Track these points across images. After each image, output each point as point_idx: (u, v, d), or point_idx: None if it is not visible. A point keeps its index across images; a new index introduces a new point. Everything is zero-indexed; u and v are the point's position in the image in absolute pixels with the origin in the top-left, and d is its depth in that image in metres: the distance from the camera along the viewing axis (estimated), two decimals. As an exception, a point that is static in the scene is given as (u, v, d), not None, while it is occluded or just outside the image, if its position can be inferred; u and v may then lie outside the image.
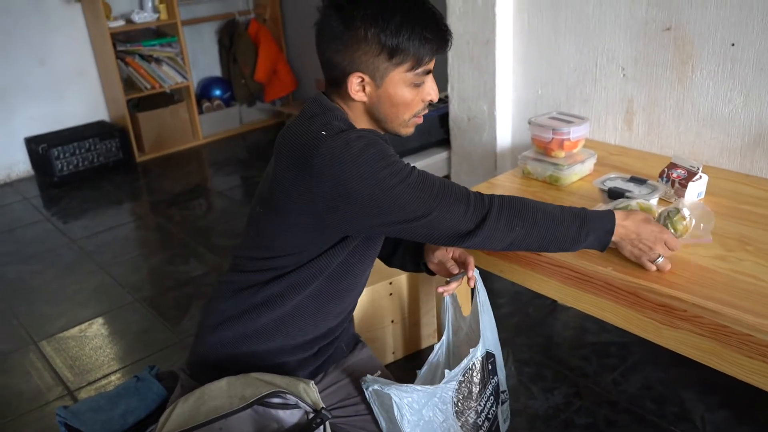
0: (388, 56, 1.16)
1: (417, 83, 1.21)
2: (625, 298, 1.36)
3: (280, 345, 1.35)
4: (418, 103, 1.24)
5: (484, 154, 2.46)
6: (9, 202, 3.77)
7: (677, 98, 1.91)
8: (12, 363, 2.28)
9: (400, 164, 1.16)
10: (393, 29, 1.14)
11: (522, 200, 1.25)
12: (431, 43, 1.18)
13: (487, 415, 1.46)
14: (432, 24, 1.17)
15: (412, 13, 1.16)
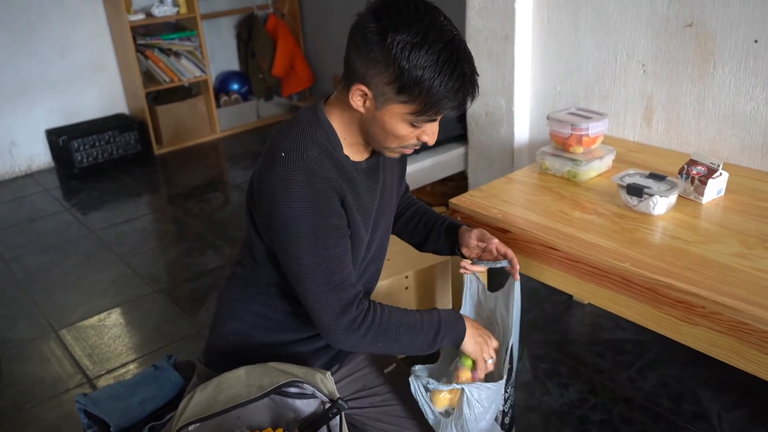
0: (397, 90, 1.09)
1: (415, 124, 1.14)
2: (642, 294, 1.36)
3: (292, 337, 1.36)
4: (411, 139, 1.18)
5: (501, 150, 2.46)
6: (30, 193, 3.83)
7: (698, 95, 1.90)
8: (33, 351, 2.32)
9: (324, 234, 1.16)
10: (417, 72, 1.06)
11: (390, 316, 1.25)
12: (446, 105, 1.10)
13: (510, 403, 1.47)
14: (460, 80, 1.08)
15: (446, 66, 1.06)
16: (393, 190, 1.39)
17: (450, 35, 1.08)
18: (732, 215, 1.55)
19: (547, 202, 1.70)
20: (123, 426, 1.78)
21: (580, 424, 1.80)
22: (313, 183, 1.15)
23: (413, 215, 1.54)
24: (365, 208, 1.27)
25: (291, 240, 1.17)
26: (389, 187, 1.36)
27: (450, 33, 1.08)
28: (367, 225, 1.29)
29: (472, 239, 1.45)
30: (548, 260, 1.55)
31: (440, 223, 1.51)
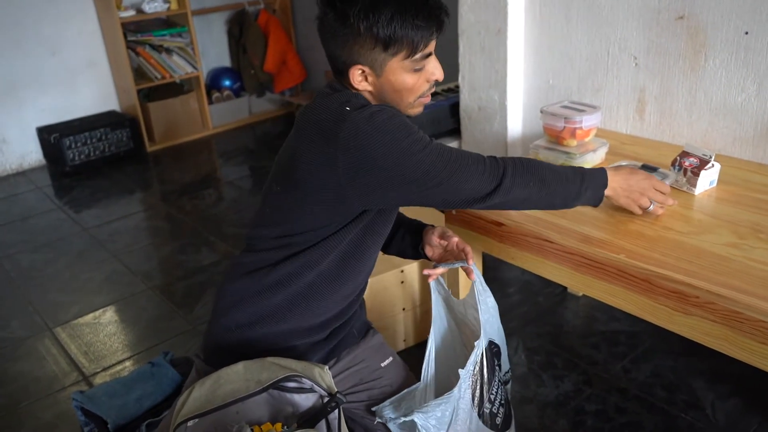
0: (384, 48, 1.19)
1: (417, 68, 1.23)
2: (637, 285, 1.37)
3: (292, 327, 1.36)
4: (423, 85, 1.26)
5: (494, 144, 2.47)
6: (22, 191, 3.81)
7: (690, 87, 1.91)
8: (28, 349, 2.31)
9: (419, 134, 1.21)
10: (384, 21, 1.16)
11: (530, 160, 1.31)
12: (424, 30, 1.18)
13: (500, 402, 1.48)
14: (424, 10, 1.18)
15: (402, 2, 1.16)
16: None
17: None
18: (724, 206, 1.56)
19: (542, 195, 1.71)
20: (120, 423, 1.78)
21: (575, 415, 1.81)
22: (384, 108, 1.21)
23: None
24: None
25: (402, 154, 1.16)
26: None
27: None
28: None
29: (434, 237, 1.47)
30: (543, 253, 1.55)
31: (406, 223, 1.53)
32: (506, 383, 1.58)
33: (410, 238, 1.53)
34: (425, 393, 1.46)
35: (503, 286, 2.45)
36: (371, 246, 1.35)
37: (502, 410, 1.47)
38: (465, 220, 1.73)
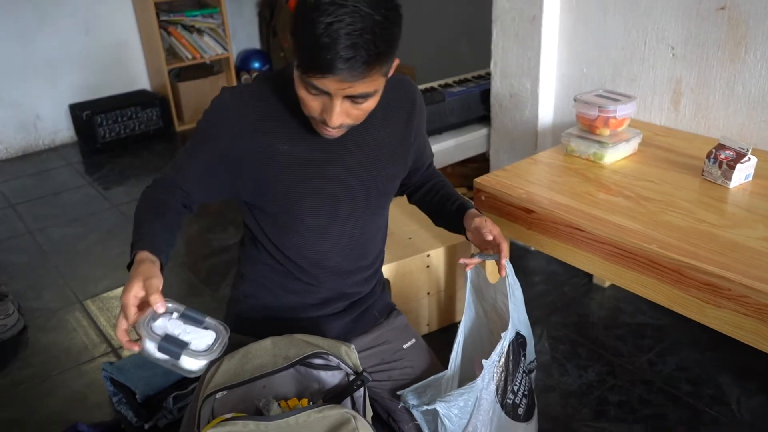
0: (291, 41, 1.09)
1: (308, 90, 1.09)
2: (668, 276, 1.36)
3: (287, 303, 1.40)
4: (314, 110, 1.12)
5: (524, 132, 2.45)
6: (54, 167, 3.87)
7: (728, 79, 1.88)
8: (59, 320, 2.36)
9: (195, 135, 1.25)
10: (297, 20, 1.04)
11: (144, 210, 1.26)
12: (315, 67, 1.03)
13: (523, 393, 1.48)
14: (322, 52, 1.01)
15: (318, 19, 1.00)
16: (378, 174, 1.33)
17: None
18: (760, 200, 1.54)
19: (573, 184, 1.70)
20: (148, 394, 1.82)
21: (598, 405, 1.81)
22: (218, 98, 1.22)
23: (430, 189, 1.54)
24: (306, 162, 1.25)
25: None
26: (371, 167, 1.31)
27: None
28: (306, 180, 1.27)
29: (473, 225, 1.42)
30: (573, 241, 1.55)
31: (452, 201, 1.50)
32: (531, 372, 1.58)
33: (454, 216, 1.49)
34: (451, 381, 1.47)
35: (529, 275, 2.45)
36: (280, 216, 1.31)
37: (525, 401, 1.48)
38: (494, 206, 1.73)
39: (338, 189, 1.30)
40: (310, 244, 1.35)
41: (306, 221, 1.31)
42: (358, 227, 1.37)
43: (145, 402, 1.80)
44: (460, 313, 2.20)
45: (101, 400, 1.94)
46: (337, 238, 1.36)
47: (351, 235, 1.37)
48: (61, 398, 1.96)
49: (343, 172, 1.29)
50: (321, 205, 1.30)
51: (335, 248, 1.37)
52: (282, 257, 1.37)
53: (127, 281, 1.06)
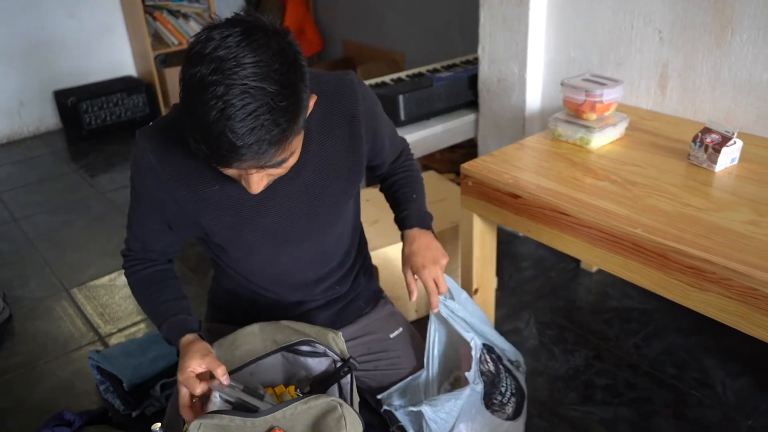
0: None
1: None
2: (653, 260, 1.37)
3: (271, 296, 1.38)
4: (233, 174, 1.03)
5: (512, 117, 2.45)
6: (39, 154, 3.83)
7: (714, 63, 1.88)
8: (45, 309, 2.35)
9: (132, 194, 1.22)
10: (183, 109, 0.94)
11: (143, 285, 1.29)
12: (209, 154, 0.95)
13: (511, 392, 1.49)
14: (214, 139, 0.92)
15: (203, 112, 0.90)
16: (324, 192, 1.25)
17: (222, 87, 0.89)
18: (745, 183, 1.55)
19: (559, 169, 1.70)
20: (135, 382, 1.82)
21: (585, 389, 1.82)
22: (136, 155, 1.15)
23: (391, 185, 1.47)
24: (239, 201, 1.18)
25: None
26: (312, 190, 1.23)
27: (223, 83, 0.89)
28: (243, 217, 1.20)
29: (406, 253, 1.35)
30: (559, 226, 1.55)
31: (401, 209, 1.41)
32: (518, 368, 1.58)
33: (398, 227, 1.44)
34: (431, 384, 1.48)
35: (516, 260, 2.46)
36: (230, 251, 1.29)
37: (513, 399, 1.49)
38: (481, 192, 1.72)
39: (280, 219, 1.23)
40: (267, 269, 1.32)
41: (256, 251, 1.27)
42: (315, 243, 1.31)
43: (132, 390, 1.80)
44: (448, 299, 2.21)
45: (88, 388, 1.93)
46: (294, 259, 1.31)
47: (308, 251, 1.32)
48: (48, 387, 1.96)
49: (283, 203, 1.21)
50: (265, 236, 1.24)
51: (295, 267, 1.33)
52: (244, 280, 1.36)
53: (182, 360, 1.11)
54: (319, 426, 1.05)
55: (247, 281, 1.35)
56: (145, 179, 1.16)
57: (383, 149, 1.37)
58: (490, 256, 1.90)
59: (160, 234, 1.25)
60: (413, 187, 1.44)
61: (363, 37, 4.37)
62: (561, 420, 1.73)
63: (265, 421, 1.02)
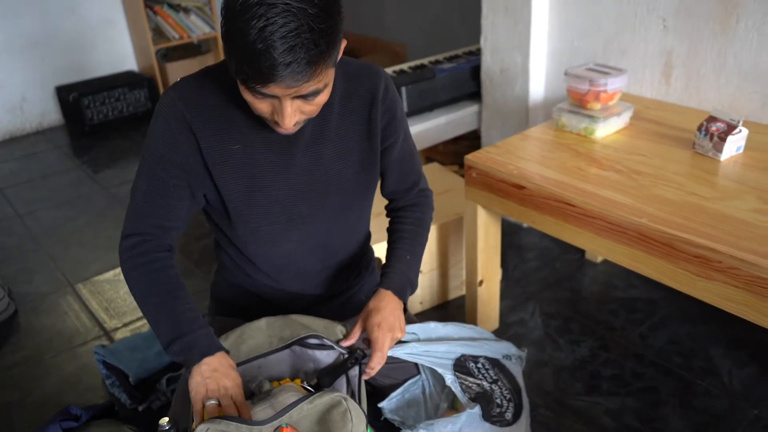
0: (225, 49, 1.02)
1: (253, 95, 1.03)
2: (659, 250, 1.36)
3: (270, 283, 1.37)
4: (265, 112, 1.07)
5: (515, 108, 2.43)
6: (42, 150, 3.83)
7: (719, 51, 1.86)
8: (51, 304, 2.35)
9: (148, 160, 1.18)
10: (226, 27, 0.98)
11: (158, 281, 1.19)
12: (246, 72, 0.98)
13: (508, 399, 1.49)
14: (256, 62, 0.95)
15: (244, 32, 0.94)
16: (341, 175, 1.27)
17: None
18: (751, 172, 1.54)
19: (564, 159, 1.69)
20: (141, 376, 1.82)
21: (591, 379, 1.82)
22: (163, 100, 1.15)
23: (392, 230, 1.41)
24: (257, 166, 1.20)
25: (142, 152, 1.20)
26: (328, 168, 1.25)
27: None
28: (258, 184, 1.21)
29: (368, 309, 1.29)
30: (564, 216, 1.54)
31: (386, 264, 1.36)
32: (511, 360, 1.58)
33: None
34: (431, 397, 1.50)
35: (521, 251, 2.45)
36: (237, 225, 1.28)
37: (510, 404, 1.49)
38: (485, 183, 1.72)
39: (291, 193, 1.24)
40: (271, 251, 1.31)
41: (263, 228, 1.26)
42: (321, 229, 1.31)
43: (138, 384, 1.80)
44: (453, 291, 2.21)
45: (95, 382, 1.94)
46: (298, 243, 1.30)
47: (314, 237, 1.31)
48: (54, 381, 1.96)
49: (297, 172, 1.23)
50: (275, 209, 1.24)
51: (298, 252, 1.32)
52: (248, 266, 1.34)
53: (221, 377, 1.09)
54: (325, 421, 1.05)
55: (250, 269, 1.35)
56: (172, 131, 1.15)
57: (402, 162, 1.34)
58: (495, 247, 1.90)
59: (176, 200, 1.19)
60: (412, 248, 1.37)
61: (364, 29, 4.35)
62: (567, 410, 1.73)
63: (272, 426, 1.02)
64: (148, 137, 1.18)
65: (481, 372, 1.50)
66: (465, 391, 1.45)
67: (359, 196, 1.32)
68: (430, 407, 1.57)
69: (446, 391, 1.54)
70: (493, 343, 1.57)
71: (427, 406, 1.57)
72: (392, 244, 1.38)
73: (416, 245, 1.39)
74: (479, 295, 1.93)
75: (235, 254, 1.35)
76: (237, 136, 1.17)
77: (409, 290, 1.34)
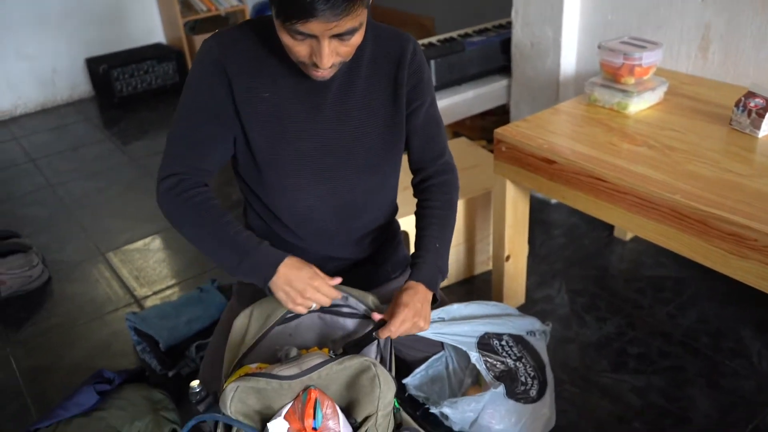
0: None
1: (293, 36, 1.07)
2: (692, 227, 1.34)
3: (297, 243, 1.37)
4: (303, 55, 1.10)
5: (546, 82, 2.40)
6: (72, 122, 3.88)
7: (760, 24, 1.81)
8: (83, 272, 2.40)
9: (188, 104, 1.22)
10: None
11: (208, 210, 1.22)
12: (295, 13, 1.01)
13: (532, 376, 1.49)
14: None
15: None
16: (367, 133, 1.28)
17: None
18: (789, 149, 1.50)
19: (595, 134, 1.67)
20: (171, 343, 1.85)
21: (617, 357, 1.81)
22: (204, 46, 1.19)
23: (420, 217, 1.38)
24: (285, 115, 1.23)
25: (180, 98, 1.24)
26: (354, 125, 1.27)
27: None
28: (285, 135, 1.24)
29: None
30: (595, 192, 1.53)
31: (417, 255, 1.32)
32: (535, 335, 1.58)
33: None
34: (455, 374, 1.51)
35: (549, 228, 2.43)
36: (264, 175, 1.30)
37: (535, 382, 1.49)
38: (515, 157, 1.70)
39: (318, 142, 1.26)
40: (295, 205, 1.31)
41: (290, 175, 1.27)
42: (346, 186, 1.31)
43: (168, 351, 1.84)
44: (479, 266, 2.20)
45: (125, 348, 1.98)
46: (321, 199, 1.31)
47: (337, 193, 1.31)
48: (86, 346, 2.01)
49: (323, 126, 1.25)
50: (302, 158, 1.26)
51: (321, 209, 1.32)
52: (272, 219, 1.35)
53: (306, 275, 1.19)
54: (353, 385, 1.06)
55: (276, 225, 1.35)
56: (207, 74, 1.19)
57: (428, 129, 1.34)
58: (523, 223, 1.89)
59: (211, 143, 1.23)
60: (442, 233, 1.36)
61: (392, 2, 4.30)
62: (592, 386, 1.72)
63: (301, 382, 1.03)
64: (186, 85, 1.23)
65: (505, 350, 1.51)
66: (489, 369, 1.45)
67: (384, 157, 1.32)
68: (454, 383, 1.58)
69: (470, 367, 1.55)
70: (517, 318, 1.57)
71: (451, 382, 1.58)
72: (421, 230, 1.37)
73: (446, 230, 1.38)
74: (506, 271, 1.92)
75: (263, 211, 1.36)
76: (268, 84, 1.21)
77: (439, 279, 1.33)
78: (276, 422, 1.01)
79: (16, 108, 4.01)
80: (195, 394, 1.06)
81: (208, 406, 1.07)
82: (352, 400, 1.07)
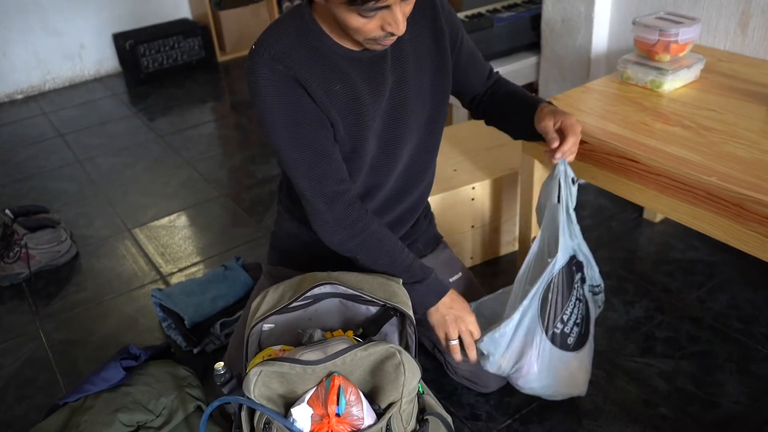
0: None
1: (363, 15, 1.07)
2: (727, 210, 1.30)
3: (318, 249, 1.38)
4: (374, 30, 1.11)
5: (576, 59, 2.34)
6: (99, 97, 3.91)
7: (803, -1, 1.73)
8: (110, 247, 2.43)
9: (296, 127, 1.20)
10: None
11: (382, 239, 1.31)
12: None
13: (575, 321, 1.46)
14: None
15: None
16: (421, 86, 1.34)
17: None
18: (832, 131, 1.44)
19: (628, 113, 1.62)
20: (196, 320, 1.87)
21: (645, 341, 1.78)
22: (259, 69, 1.17)
23: (500, 94, 1.50)
24: (358, 100, 1.24)
25: (260, 122, 1.23)
26: (411, 83, 1.31)
27: None
28: (362, 119, 1.26)
29: (540, 126, 1.38)
30: (626, 173, 1.49)
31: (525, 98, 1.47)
32: (595, 294, 1.56)
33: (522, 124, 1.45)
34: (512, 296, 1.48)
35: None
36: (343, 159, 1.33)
37: (576, 329, 1.46)
38: (544, 137, 1.66)
39: (386, 112, 1.30)
40: (364, 182, 1.35)
41: (367, 155, 1.31)
42: (411, 149, 1.37)
43: (193, 328, 1.85)
44: (504, 247, 2.18)
45: (152, 324, 2.00)
46: (392, 171, 1.37)
47: (405, 163, 1.38)
48: (113, 321, 2.04)
49: (388, 95, 1.28)
50: (376, 136, 1.30)
51: (389, 180, 1.38)
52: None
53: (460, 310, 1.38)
54: (377, 372, 1.05)
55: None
56: (287, 92, 1.18)
57: (475, 55, 1.45)
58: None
59: (333, 146, 1.25)
60: (526, 93, 1.49)
61: (419, -23, 4.22)
62: (619, 370, 1.70)
63: (325, 368, 1.03)
64: (265, 115, 1.20)
65: (581, 281, 1.49)
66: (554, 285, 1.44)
67: (435, 104, 1.38)
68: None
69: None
70: (596, 273, 1.55)
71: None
72: (516, 92, 1.49)
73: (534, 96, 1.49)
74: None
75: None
76: (336, 76, 1.21)
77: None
78: (299, 408, 1.01)
79: (45, 83, 4.05)
80: (219, 376, 1.07)
81: (233, 388, 1.07)
82: (376, 387, 1.07)
